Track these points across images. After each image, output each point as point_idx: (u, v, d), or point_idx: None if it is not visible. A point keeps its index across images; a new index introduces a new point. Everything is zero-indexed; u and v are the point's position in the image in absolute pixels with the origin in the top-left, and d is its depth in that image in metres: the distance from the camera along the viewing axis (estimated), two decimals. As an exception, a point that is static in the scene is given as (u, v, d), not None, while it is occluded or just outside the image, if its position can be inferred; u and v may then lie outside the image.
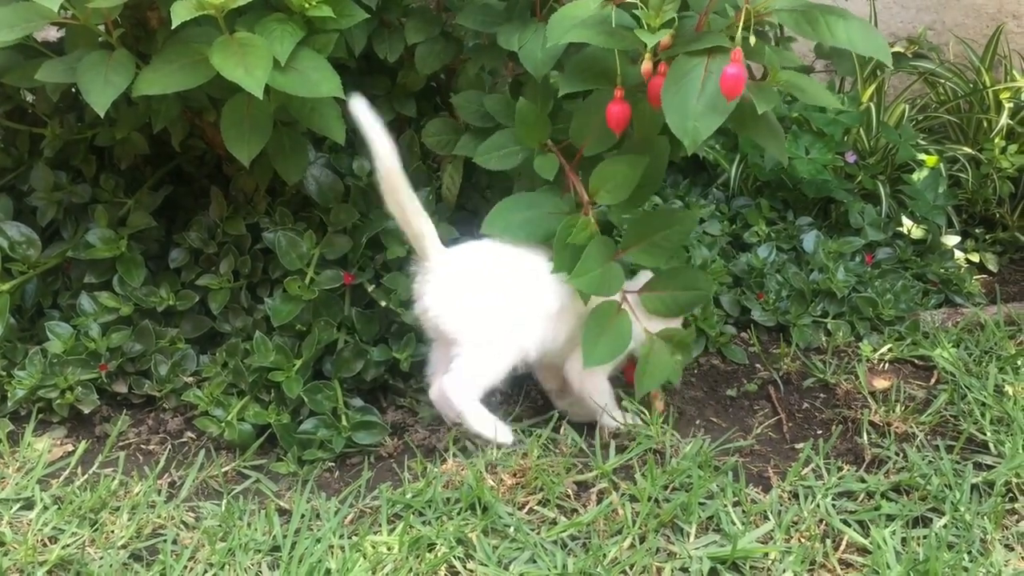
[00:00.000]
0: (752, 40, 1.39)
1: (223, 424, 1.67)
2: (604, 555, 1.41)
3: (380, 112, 1.93)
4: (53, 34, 1.87)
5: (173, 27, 1.40)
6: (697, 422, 1.77)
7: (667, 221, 1.66)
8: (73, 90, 1.87)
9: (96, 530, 1.47)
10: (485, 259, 1.63)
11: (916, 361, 1.97)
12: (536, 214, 1.63)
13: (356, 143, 1.95)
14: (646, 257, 1.66)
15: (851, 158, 2.41)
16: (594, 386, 1.69)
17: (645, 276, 1.70)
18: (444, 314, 1.59)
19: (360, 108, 1.49)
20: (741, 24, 1.38)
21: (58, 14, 1.48)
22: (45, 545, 1.44)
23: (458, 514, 1.49)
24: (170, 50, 1.54)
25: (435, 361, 1.68)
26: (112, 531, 1.47)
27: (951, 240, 2.38)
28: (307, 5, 1.53)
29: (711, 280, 1.78)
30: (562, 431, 1.70)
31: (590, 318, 1.60)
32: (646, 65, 1.48)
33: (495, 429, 1.60)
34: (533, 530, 1.47)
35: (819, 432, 1.75)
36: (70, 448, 1.69)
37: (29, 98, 1.99)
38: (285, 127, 1.71)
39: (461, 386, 1.58)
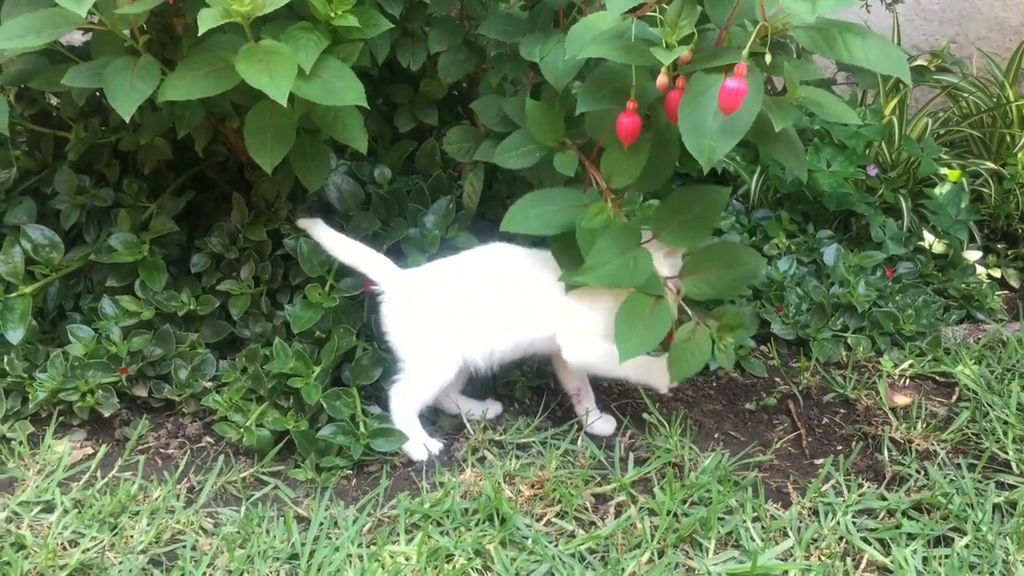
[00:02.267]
0: (768, 57, 1.38)
1: (242, 429, 1.67)
2: (622, 569, 1.40)
3: (402, 120, 1.96)
4: (78, 37, 1.89)
5: (200, 34, 1.41)
6: (716, 435, 1.76)
7: (698, 199, 1.62)
8: (98, 94, 1.89)
9: (116, 534, 1.47)
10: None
11: (937, 377, 1.95)
12: (552, 208, 1.61)
13: (377, 151, 1.97)
14: (678, 239, 1.61)
15: (873, 171, 2.40)
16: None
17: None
18: None
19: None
20: (752, 39, 1.37)
21: (85, 19, 1.49)
22: (65, 549, 1.45)
23: (476, 525, 1.49)
24: (195, 57, 1.55)
25: None
26: (131, 536, 1.47)
27: (973, 255, 2.37)
28: (333, 14, 1.54)
29: (757, 254, 1.67)
30: (580, 443, 1.70)
31: (622, 309, 1.55)
32: (662, 79, 1.47)
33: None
34: (551, 543, 1.47)
35: (839, 448, 1.74)
36: (90, 451, 1.69)
37: (54, 101, 2.00)
38: (307, 135, 1.72)
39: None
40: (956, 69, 2.76)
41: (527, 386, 1.84)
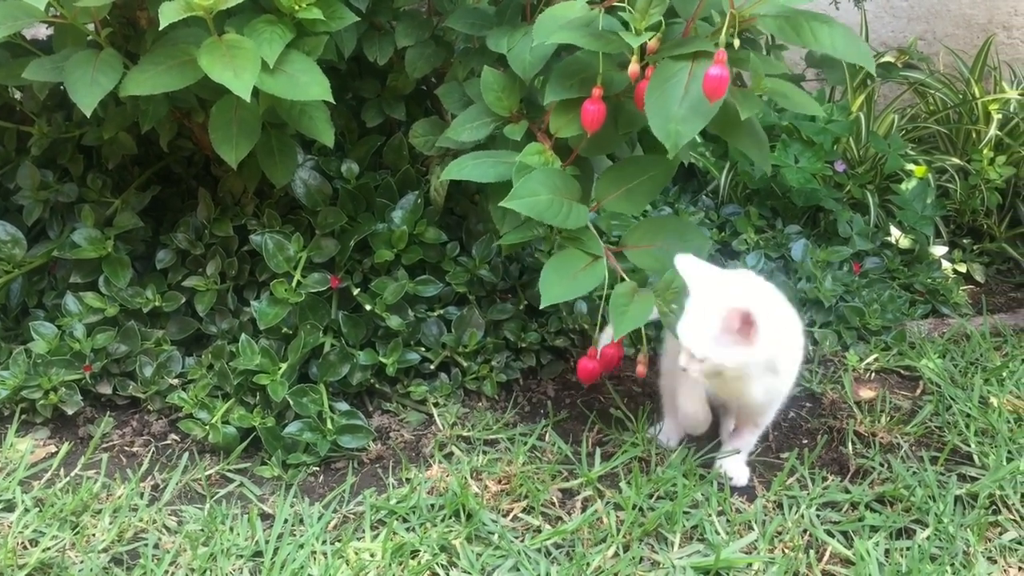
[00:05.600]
0: (736, 43, 1.39)
1: (207, 427, 1.66)
2: (588, 564, 1.41)
3: (369, 115, 1.95)
4: (42, 32, 1.86)
5: (161, 28, 1.40)
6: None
7: (644, 168, 1.62)
8: (61, 88, 1.86)
9: (77, 533, 1.46)
10: None
11: (902, 371, 1.97)
12: (491, 160, 1.61)
13: (345, 146, 1.96)
14: (623, 205, 1.62)
15: (840, 167, 2.41)
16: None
17: None
18: None
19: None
20: (726, 27, 1.38)
21: (46, 13, 1.47)
22: (25, 548, 1.43)
23: (442, 521, 1.49)
24: (158, 51, 1.53)
25: None
26: (93, 534, 1.46)
27: (938, 250, 2.39)
28: (297, 7, 1.53)
29: (703, 233, 1.68)
30: (547, 438, 1.70)
31: (555, 259, 1.56)
32: (633, 67, 1.48)
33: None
34: (517, 538, 1.47)
35: (804, 442, 1.75)
36: (53, 449, 1.68)
37: (17, 95, 1.98)
38: (274, 129, 1.71)
39: None
40: (923, 66, 2.79)
41: (495, 382, 1.84)
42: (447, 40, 1.87)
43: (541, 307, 1.53)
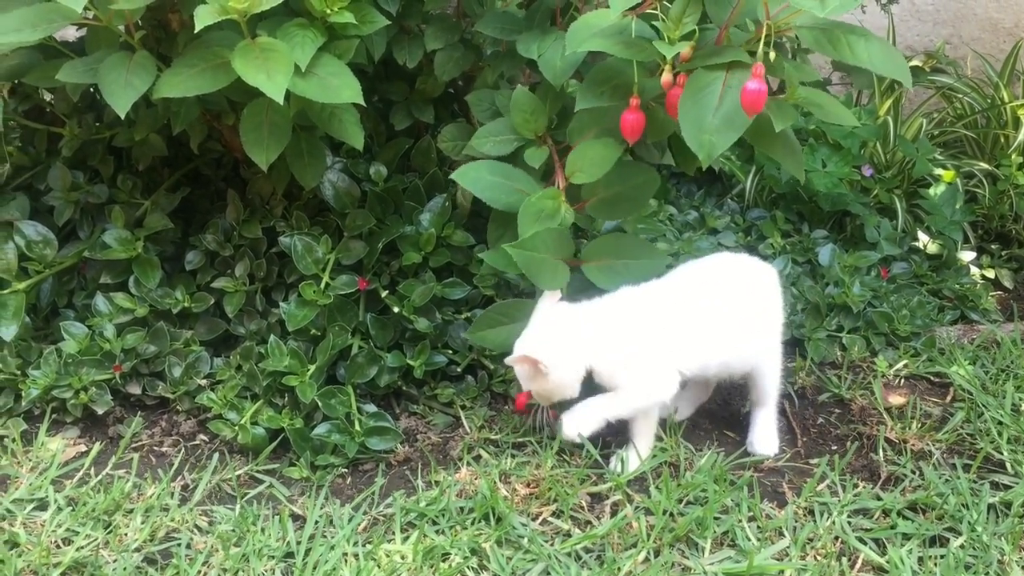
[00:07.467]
0: (772, 56, 1.38)
1: (236, 427, 1.67)
2: (618, 569, 1.40)
3: (398, 118, 1.95)
4: (72, 33, 1.87)
5: (196, 31, 1.40)
6: (713, 435, 1.76)
7: (627, 177, 1.65)
8: (92, 90, 1.88)
9: (110, 532, 1.47)
10: None
11: (932, 378, 1.95)
12: (506, 183, 1.64)
13: (373, 149, 1.96)
14: (603, 213, 1.70)
15: (868, 172, 2.40)
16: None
17: None
18: None
19: None
20: (761, 39, 1.38)
21: (80, 15, 1.48)
22: (59, 547, 1.44)
23: (472, 524, 1.49)
24: (191, 53, 1.54)
25: None
26: (126, 534, 1.47)
27: (967, 256, 2.37)
28: (329, 11, 1.53)
29: (660, 252, 1.74)
30: (576, 442, 1.69)
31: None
32: (666, 76, 1.48)
33: None
34: (547, 541, 1.47)
35: (834, 448, 1.74)
36: (83, 448, 1.69)
37: (48, 97, 1.99)
38: (303, 132, 1.71)
39: None
40: (951, 70, 2.77)
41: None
42: (476, 43, 1.88)
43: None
